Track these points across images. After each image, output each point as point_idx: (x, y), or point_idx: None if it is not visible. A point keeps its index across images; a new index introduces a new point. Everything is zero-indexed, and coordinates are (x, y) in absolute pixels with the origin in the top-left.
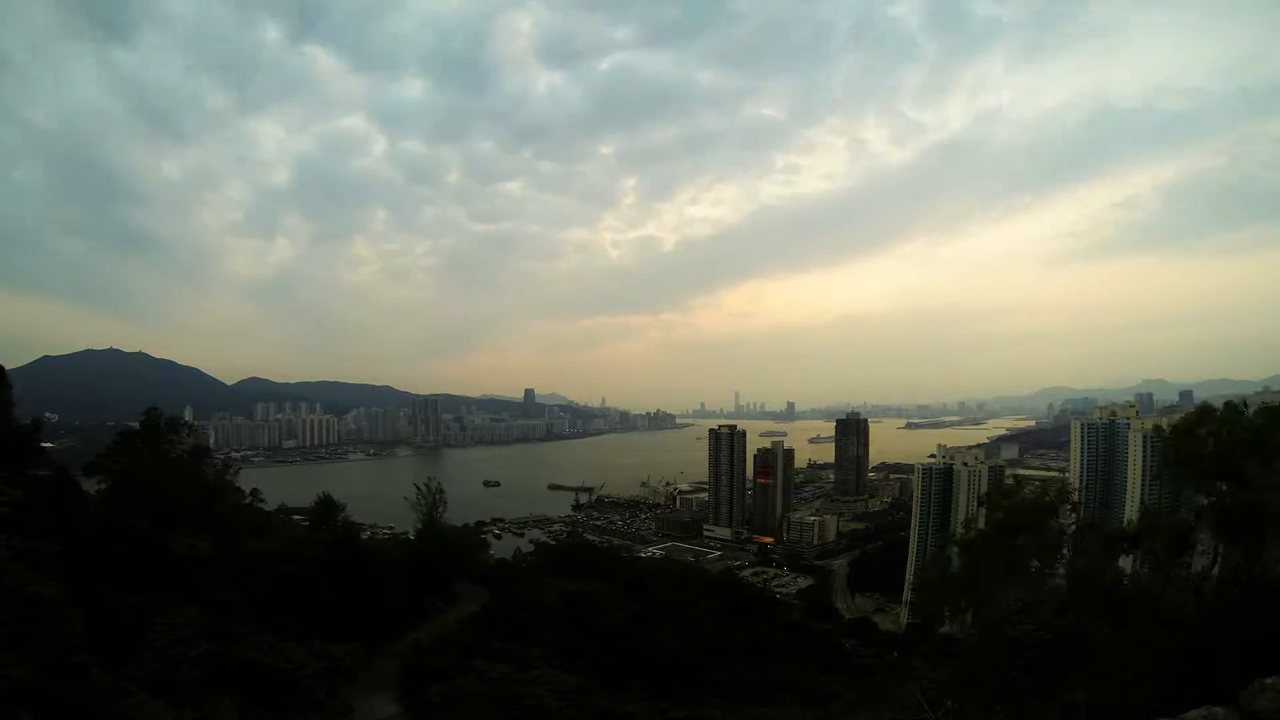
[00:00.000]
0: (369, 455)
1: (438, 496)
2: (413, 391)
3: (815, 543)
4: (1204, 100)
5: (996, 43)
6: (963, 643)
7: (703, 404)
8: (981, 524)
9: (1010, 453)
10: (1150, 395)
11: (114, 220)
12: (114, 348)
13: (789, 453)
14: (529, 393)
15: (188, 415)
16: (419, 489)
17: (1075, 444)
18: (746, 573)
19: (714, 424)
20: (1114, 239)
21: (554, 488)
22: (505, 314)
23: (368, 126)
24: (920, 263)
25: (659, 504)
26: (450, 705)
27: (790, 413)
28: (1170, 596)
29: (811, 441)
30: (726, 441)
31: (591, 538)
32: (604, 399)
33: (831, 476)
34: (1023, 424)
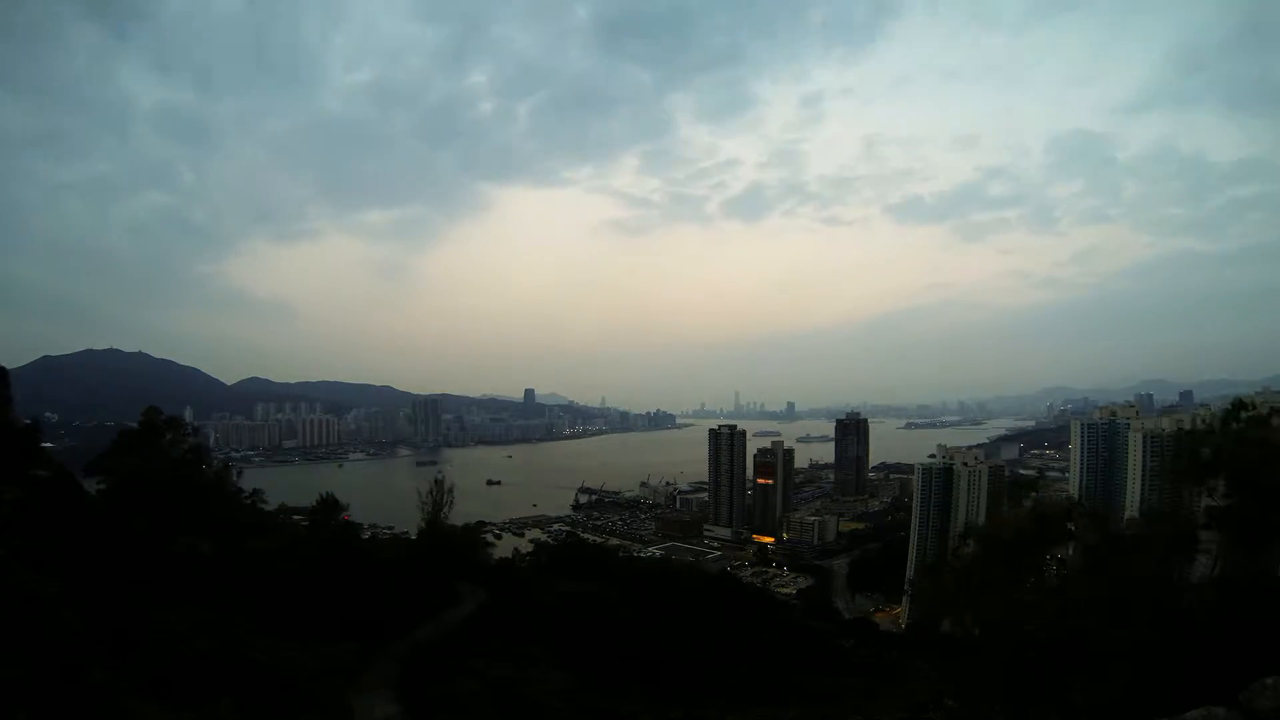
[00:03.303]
0: (369, 455)
1: (447, 494)
2: (413, 391)
3: (815, 543)
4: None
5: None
6: (963, 643)
7: (703, 404)
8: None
9: (1010, 453)
10: (1150, 395)
11: None
12: (114, 348)
13: (789, 453)
14: (529, 393)
15: (188, 415)
16: (433, 483)
17: (1075, 444)
18: (747, 573)
19: (714, 424)
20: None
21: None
22: None
23: None
24: (920, 261)
25: (659, 504)
26: (450, 705)
27: (790, 413)
28: (1171, 596)
29: (800, 441)
30: (726, 441)
31: (591, 537)
32: (604, 399)
33: (831, 476)
34: (1023, 424)
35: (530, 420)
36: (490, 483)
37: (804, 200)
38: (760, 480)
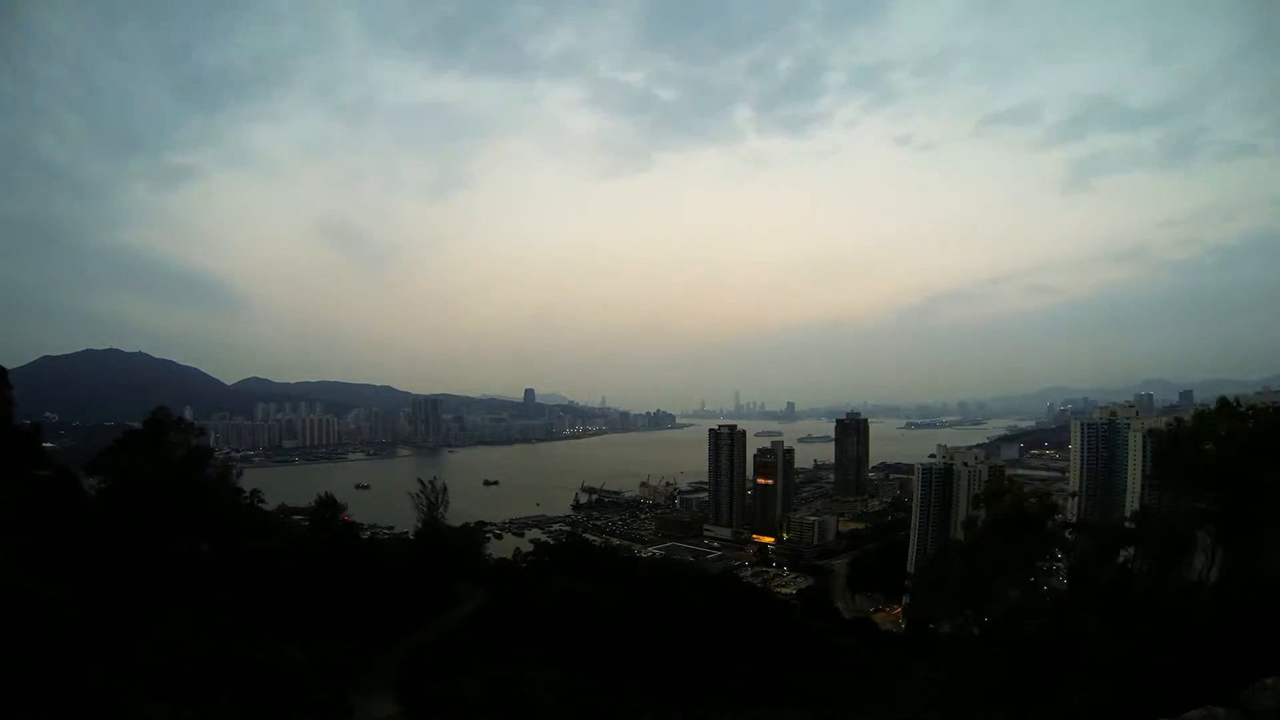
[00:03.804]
0: (369, 455)
1: (440, 495)
2: (413, 391)
3: (815, 543)
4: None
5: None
6: (963, 643)
7: (703, 404)
8: (978, 524)
9: (1010, 453)
10: (1150, 395)
11: None
12: (114, 348)
13: (789, 453)
14: (529, 393)
15: (188, 415)
16: (422, 484)
17: (1075, 444)
18: (747, 573)
19: (714, 424)
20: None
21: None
22: None
23: None
24: (921, 261)
25: (659, 504)
26: (450, 705)
27: (790, 413)
28: (1170, 596)
29: (801, 441)
30: (726, 441)
31: (591, 537)
32: (604, 399)
33: (832, 476)
34: (1023, 424)
35: (530, 420)
36: (487, 483)
37: (877, 101)
38: (760, 480)
